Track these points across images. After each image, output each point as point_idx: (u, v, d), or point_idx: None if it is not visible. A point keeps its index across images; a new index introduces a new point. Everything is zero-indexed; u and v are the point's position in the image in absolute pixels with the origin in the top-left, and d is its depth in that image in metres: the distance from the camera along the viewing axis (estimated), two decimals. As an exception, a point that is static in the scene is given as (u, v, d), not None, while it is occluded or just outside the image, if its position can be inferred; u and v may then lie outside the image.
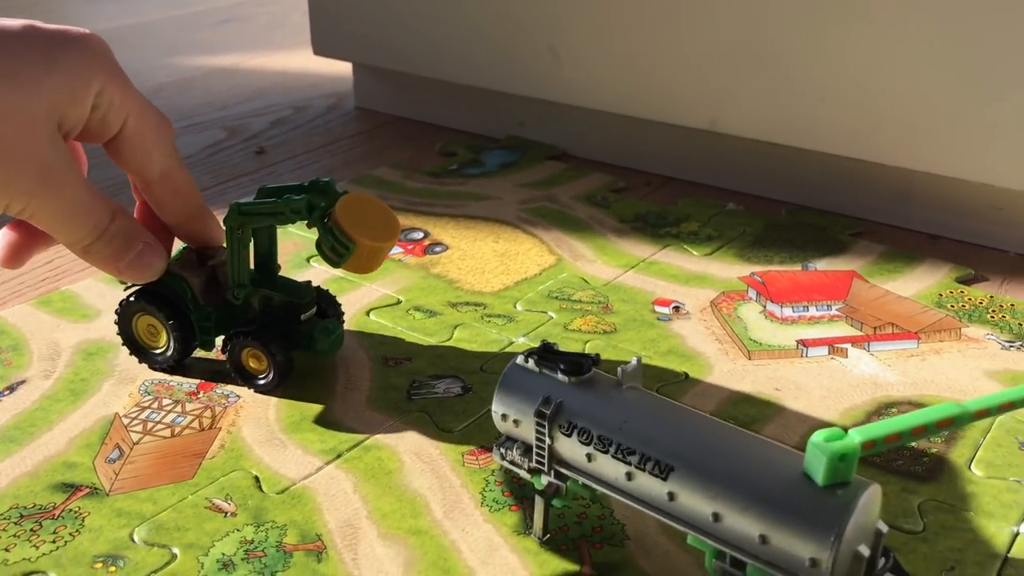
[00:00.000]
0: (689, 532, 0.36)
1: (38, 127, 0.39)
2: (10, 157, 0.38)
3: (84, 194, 0.41)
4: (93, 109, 0.41)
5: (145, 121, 0.43)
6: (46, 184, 0.39)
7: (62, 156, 0.40)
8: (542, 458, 0.40)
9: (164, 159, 0.45)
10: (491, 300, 0.60)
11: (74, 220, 0.41)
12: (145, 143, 0.44)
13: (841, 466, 0.33)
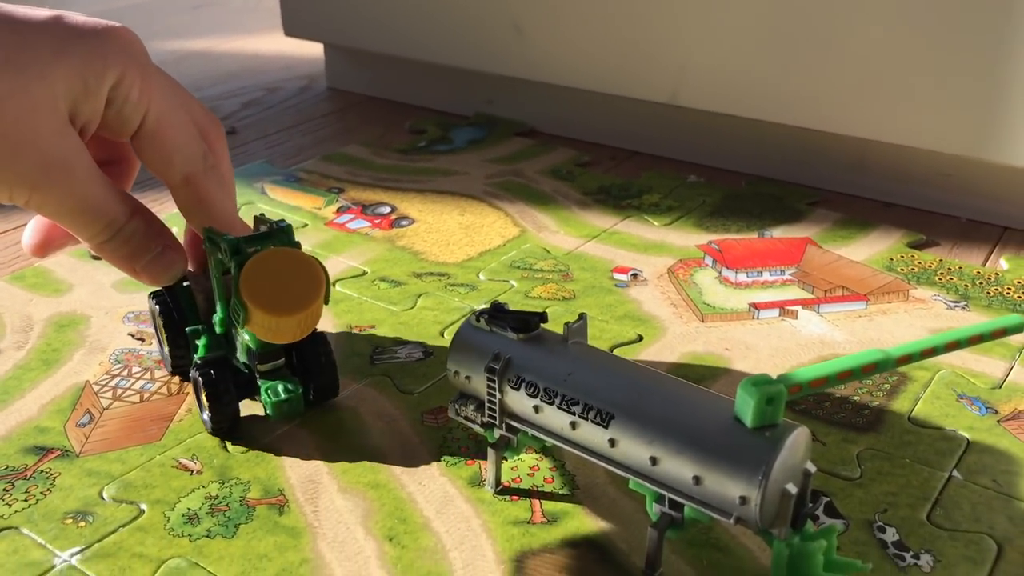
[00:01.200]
0: (630, 477, 0.38)
1: (43, 116, 0.36)
2: (7, 144, 0.36)
3: (96, 189, 0.39)
4: (108, 103, 0.39)
5: (167, 121, 0.41)
6: (49, 176, 0.37)
7: (71, 148, 0.38)
8: (493, 412, 0.41)
9: (187, 163, 0.42)
10: (455, 270, 0.62)
11: (84, 216, 0.39)
12: (165, 144, 0.41)
13: (768, 409, 0.35)
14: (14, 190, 0.37)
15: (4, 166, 0.36)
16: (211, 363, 0.45)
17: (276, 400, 0.43)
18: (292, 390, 0.44)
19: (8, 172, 0.36)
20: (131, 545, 0.40)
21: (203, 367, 0.44)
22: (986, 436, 0.46)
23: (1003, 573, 0.38)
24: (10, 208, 0.69)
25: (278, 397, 0.44)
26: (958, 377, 0.51)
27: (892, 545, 0.40)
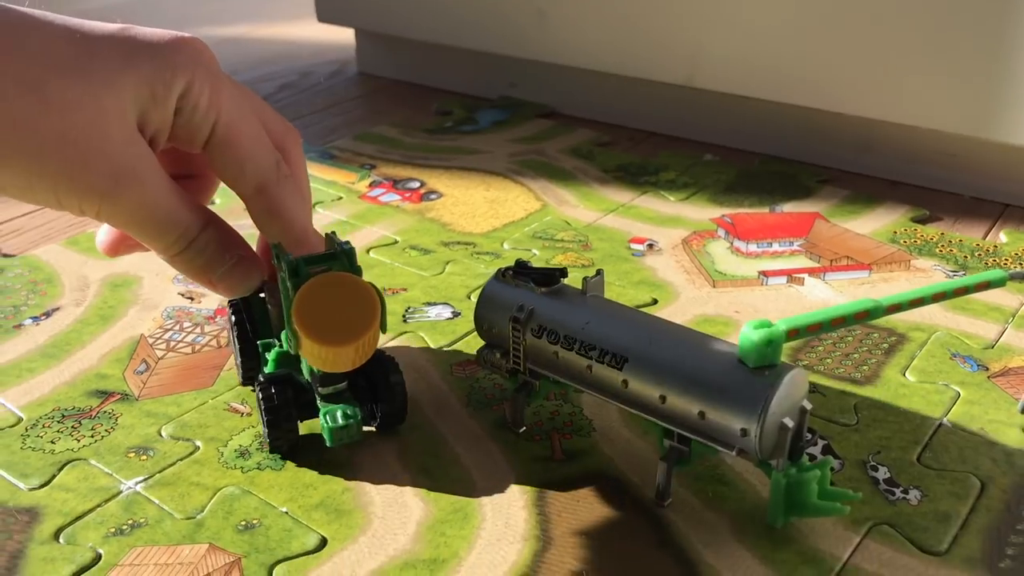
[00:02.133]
0: (641, 415, 0.42)
1: (111, 124, 0.36)
2: (77, 151, 0.35)
3: (167, 199, 0.38)
4: (177, 112, 0.38)
5: (238, 129, 0.39)
6: (118, 185, 0.36)
7: (141, 157, 0.37)
8: (518, 359, 0.45)
9: (259, 173, 0.40)
10: (480, 240, 0.66)
11: (155, 227, 0.38)
12: (236, 153, 0.40)
13: (768, 350, 0.39)
14: (84, 200, 0.36)
15: (73, 175, 0.35)
16: (275, 381, 0.43)
17: (334, 427, 0.42)
18: (351, 415, 0.42)
19: (78, 182, 0.35)
20: (189, 475, 0.44)
21: (266, 385, 0.43)
22: (976, 390, 0.49)
23: (984, 507, 0.42)
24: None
25: (336, 424, 0.42)
26: (953, 338, 0.54)
27: (883, 482, 0.43)
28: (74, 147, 0.35)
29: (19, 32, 0.34)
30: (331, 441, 0.42)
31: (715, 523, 0.41)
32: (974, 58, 0.65)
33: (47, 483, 0.43)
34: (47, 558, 0.39)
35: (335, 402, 0.43)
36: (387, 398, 0.45)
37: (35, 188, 0.35)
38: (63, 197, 0.36)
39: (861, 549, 0.39)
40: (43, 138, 0.34)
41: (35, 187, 0.35)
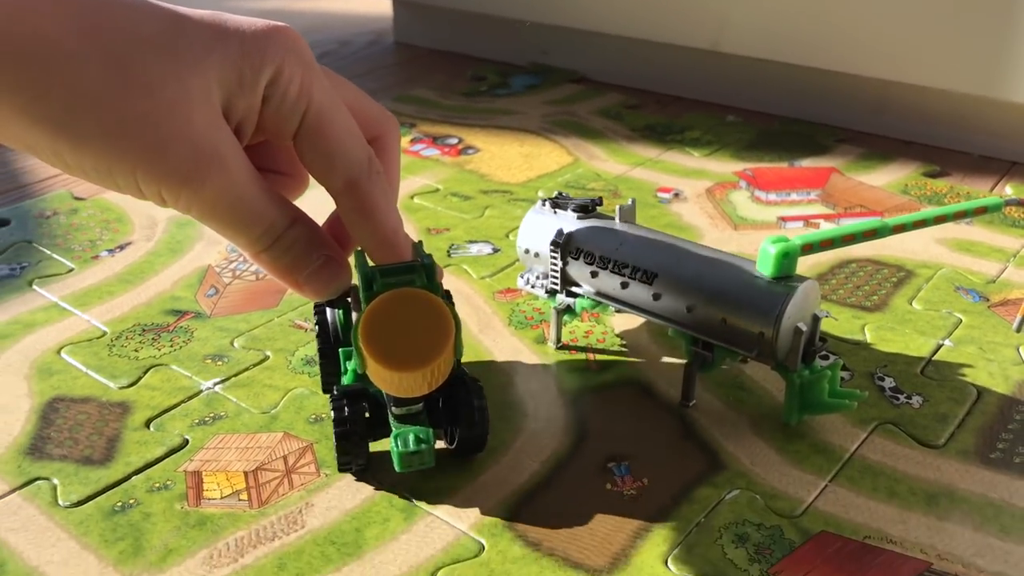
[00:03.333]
0: (670, 325, 0.46)
1: (195, 106, 0.34)
2: (157, 133, 0.33)
3: (252, 190, 0.36)
4: (266, 100, 0.36)
5: (329, 120, 0.38)
6: (200, 169, 0.34)
7: (225, 142, 0.35)
8: (556, 280, 0.50)
9: (349, 167, 0.38)
10: (517, 188, 0.70)
11: (239, 218, 0.36)
12: (326, 145, 0.38)
13: (785, 262, 0.43)
14: (163, 185, 0.34)
15: (153, 158, 0.33)
16: (348, 395, 0.41)
17: (404, 451, 0.39)
18: (424, 440, 0.39)
19: (157, 165, 0.34)
20: (261, 379, 0.49)
21: (338, 399, 0.41)
22: (976, 317, 0.54)
23: (979, 411, 0.46)
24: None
25: (407, 448, 0.39)
26: (957, 274, 0.58)
27: (889, 390, 0.48)
28: (155, 128, 0.33)
29: (106, 9, 0.33)
30: (400, 466, 0.39)
31: (735, 421, 0.46)
32: (983, 21, 0.69)
33: (134, 383, 0.48)
34: (140, 441, 0.44)
35: (409, 423, 0.40)
36: (466, 423, 0.41)
37: (114, 172, 0.34)
38: (143, 182, 0.34)
39: (867, 443, 0.44)
40: (124, 117, 0.33)
41: (114, 171, 0.34)
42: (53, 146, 0.33)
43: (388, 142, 0.42)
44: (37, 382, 0.48)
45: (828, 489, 0.41)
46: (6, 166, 0.75)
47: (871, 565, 0.37)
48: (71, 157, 0.33)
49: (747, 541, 0.38)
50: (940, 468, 0.42)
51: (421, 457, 0.39)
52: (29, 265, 0.59)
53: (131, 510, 0.40)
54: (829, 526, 0.39)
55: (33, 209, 0.67)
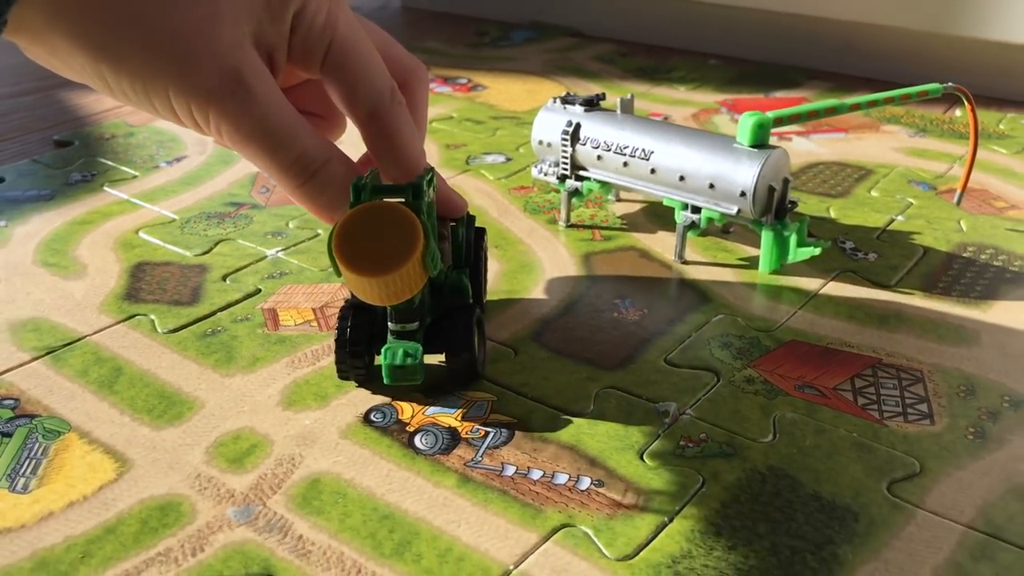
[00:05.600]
0: (665, 195, 0.55)
1: (224, 27, 0.35)
2: (187, 49, 0.34)
3: (280, 115, 0.36)
4: (293, 30, 0.37)
5: (354, 50, 0.38)
6: (224, 86, 0.35)
7: (251, 65, 0.36)
8: (566, 166, 0.58)
9: (372, 95, 0.39)
10: (523, 115, 0.79)
11: (266, 140, 0.36)
12: (350, 73, 0.39)
13: (760, 132, 0.52)
14: (192, 101, 0.35)
15: (183, 73, 0.34)
16: (354, 308, 0.43)
17: (390, 364, 0.41)
18: (411, 355, 0.41)
19: (187, 80, 0.35)
20: (317, 248, 0.57)
21: (345, 310, 0.43)
22: (925, 200, 0.62)
23: (924, 263, 0.55)
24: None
25: (393, 362, 0.40)
26: (910, 172, 0.67)
27: (849, 249, 0.56)
28: (185, 43, 0.34)
29: None
30: (387, 378, 0.41)
31: (720, 272, 0.54)
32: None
33: (207, 252, 0.56)
34: (220, 290, 0.52)
35: (405, 340, 0.42)
36: (453, 349, 0.43)
37: (149, 91, 0.35)
38: (175, 99, 0.35)
39: (831, 284, 0.53)
40: (158, 34, 0.34)
41: (149, 89, 0.35)
42: (96, 67, 0.34)
43: (415, 86, 0.43)
44: (122, 252, 0.56)
45: (798, 314, 0.50)
46: (64, 102, 0.83)
47: (832, 361, 0.46)
48: (112, 78, 0.35)
49: (731, 347, 0.47)
50: (890, 299, 0.51)
51: (407, 372, 0.40)
52: (98, 173, 0.67)
53: (220, 334, 0.48)
54: (798, 337, 0.48)
55: (93, 133, 0.75)
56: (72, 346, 0.47)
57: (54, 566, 0.34)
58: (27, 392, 0.44)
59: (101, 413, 0.42)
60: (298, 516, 0.36)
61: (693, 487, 0.38)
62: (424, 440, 0.41)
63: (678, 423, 0.41)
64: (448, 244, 0.44)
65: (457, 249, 0.45)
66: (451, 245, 0.44)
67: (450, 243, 0.44)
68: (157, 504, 0.37)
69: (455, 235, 0.44)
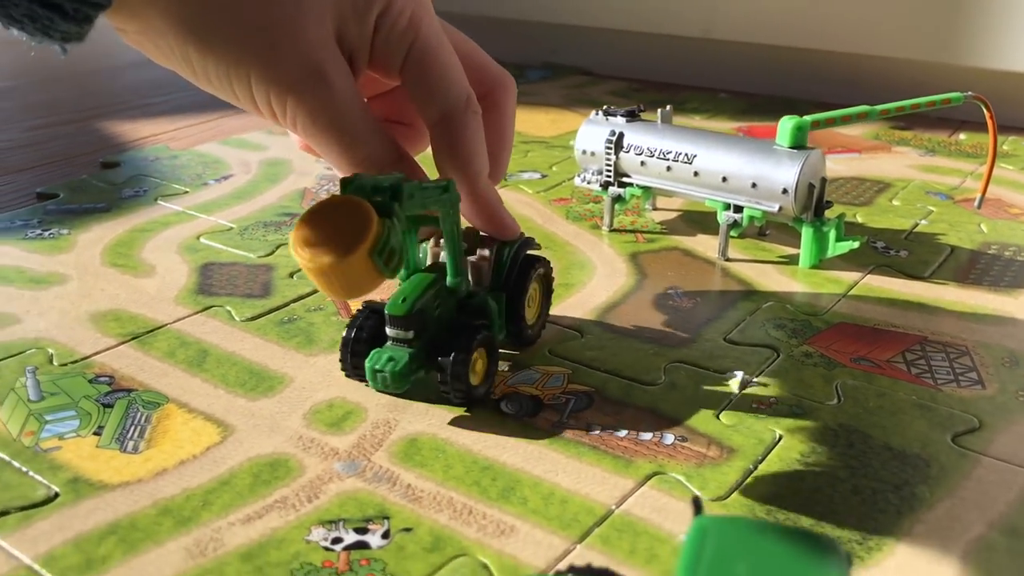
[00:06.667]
0: (707, 196, 0.58)
1: (308, 23, 0.36)
2: (271, 40, 0.36)
3: (354, 113, 0.37)
4: (376, 31, 0.38)
5: (434, 54, 0.39)
6: (304, 80, 0.36)
7: (332, 62, 0.37)
8: (610, 173, 0.62)
9: (447, 100, 0.39)
10: (550, 139, 0.82)
11: (338, 135, 0.37)
12: (428, 76, 0.39)
13: (799, 133, 0.55)
14: (272, 91, 0.36)
15: (267, 63, 0.36)
16: (372, 310, 0.43)
17: (369, 365, 0.40)
18: (393, 360, 0.40)
19: (269, 70, 0.36)
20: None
21: (361, 310, 0.44)
22: (945, 208, 0.66)
23: (953, 259, 0.58)
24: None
25: (371, 364, 0.40)
26: (926, 184, 0.71)
27: (881, 248, 0.59)
28: (271, 35, 0.35)
29: None
30: (369, 381, 0.41)
31: (762, 268, 0.57)
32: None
33: (270, 254, 0.59)
34: (289, 284, 0.54)
35: (401, 347, 0.41)
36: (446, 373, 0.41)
37: (231, 76, 0.36)
38: (256, 86, 0.36)
39: (868, 278, 0.56)
40: (247, 24, 0.35)
41: (231, 75, 0.36)
42: (184, 49, 0.36)
43: (501, 99, 0.43)
44: (187, 255, 0.59)
45: (841, 302, 0.53)
46: (103, 131, 0.85)
47: (881, 338, 0.49)
48: (198, 61, 0.36)
49: (784, 328, 0.50)
50: (926, 289, 0.54)
51: (384, 378, 0.40)
52: (149, 189, 0.70)
53: (297, 321, 0.50)
54: (845, 320, 0.51)
55: (137, 156, 0.77)
56: (155, 332, 0.49)
57: (176, 512, 0.36)
58: (119, 371, 0.46)
59: (195, 387, 0.44)
60: (403, 468, 0.38)
61: (771, 441, 0.40)
62: (509, 406, 0.43)
63: (747, 389, 0.44)
64: (488, 264, 0.44)
65: (497, 270, 0.44)
66: (492, 266, 0.44)
67: (491, 264, 0.44)
68: (265, 461, 0.39)
69: (499, 256, 0.45)
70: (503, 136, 0.44)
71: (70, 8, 0.34)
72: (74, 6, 0.34)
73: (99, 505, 0.36)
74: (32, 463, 0.39)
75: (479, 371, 0.42)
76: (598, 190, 0.63)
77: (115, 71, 1.08)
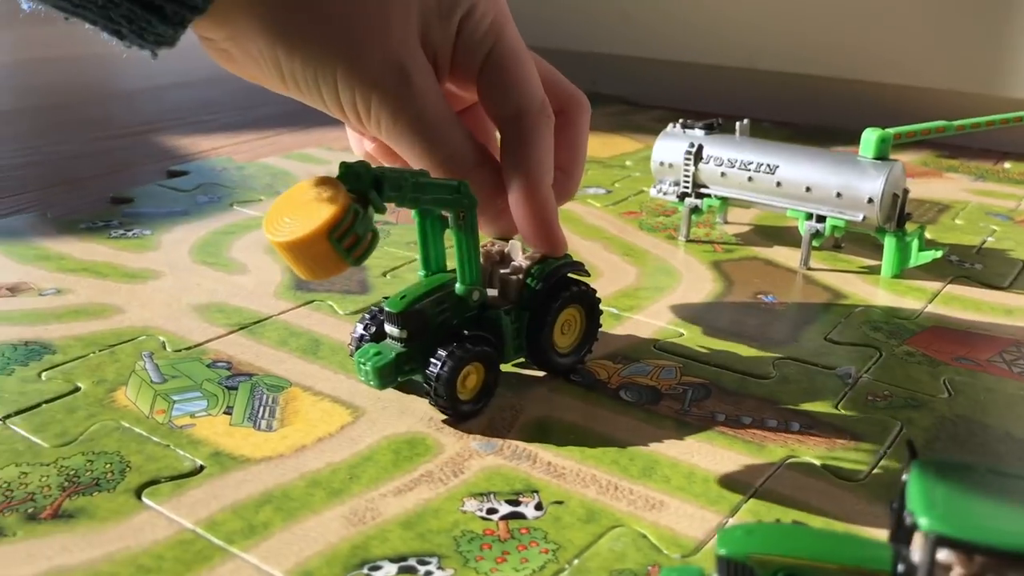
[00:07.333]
0: (789, 206, 0.59)
1: (394, 22, 0.37)
2: (357, 38, 0.36)
3: (438, 112, 0.38)
4: (458, 33, 0.38)
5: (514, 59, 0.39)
6: (388, 76, 0.36)
7: (416, 60, 0.37)
8: (688, 184, 0.63)
9: (522, 100, 0.39)
10: (605, 159, 0.84)
11: (424, 136, 0.37)
12: (504, 79, 0.39)
13: (883, 145, 0.57)
14: (357, 87, 0.36)
15: (352, 61, 0.36)
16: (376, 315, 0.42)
17: (357, 357, 0.40)
18: (378, 356, 0.39)
19: (355, 68, 0.36)
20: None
21: (373, 308, 0.43)
22: (1007, 227, 0.68)
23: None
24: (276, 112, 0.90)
25: (360, 355, 0.40)
26: (984, 206, 0.73)
27: (955, 261, 0.61)
28: (357, 34, 0.36)
29: None
30: (356, 372, 0.40)
31: (844, 276, 0.58)
32: (981, 29, 0.86)
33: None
34: (385, 283, 0.55)
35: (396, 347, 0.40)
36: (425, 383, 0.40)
37: (318, 75, 0.37)
38: (341, 83, 0.36)
39: (949, 287, 0.57)
40: (334, 23, 0.36)
41: (318, 74, 0.36)
42: (272, 50, 0.36)
43: (576, 116, 0.43)
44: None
45: (928, 308, 0.54)
46: (163, 143, 0.86)
47: (977, 340, 0.50)
48: (285, 61, 0.37)
49: (881, 330, 0.51)
50: (1009, 296, 0.55)
51: (367, 372, 0.39)
52: (223, 196, 0.71)
53: (399, 316, 0.51)
54: (938, 324, 0.52)
55: (204, 166, 0.78)
56: (263, 323, 0.50)
57: (326, 484, 0.36)
58: (235, 357, 0.46)
59: (315, 372, 0.45)
60: (539, 448, 0.39)
61: (894, 429, 0.41)
62: (628, 394, 0.43)
63: (859, 383, 0.45)
64: (519, 279, 0.42)
65: (525, 287, 0.42)
66: (521, 280, 0.42)
67: (521, 279, 0.42)
68: (402, 439, 0.39)
69: (530, 272, 0.42)
70: (577, 152, 0.44)
71: (170, 10, 0.35)
72: (173, 8, 0.35)
73: (247, 477, 0.37)
74: (170, 438, 0.39)
75: (469, 387, 0.40)
76: (674, 201, 0.64)
77: (159, 90, 1.09)
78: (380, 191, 0.35)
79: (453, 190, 0.38)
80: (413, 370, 0.40)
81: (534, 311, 0.42)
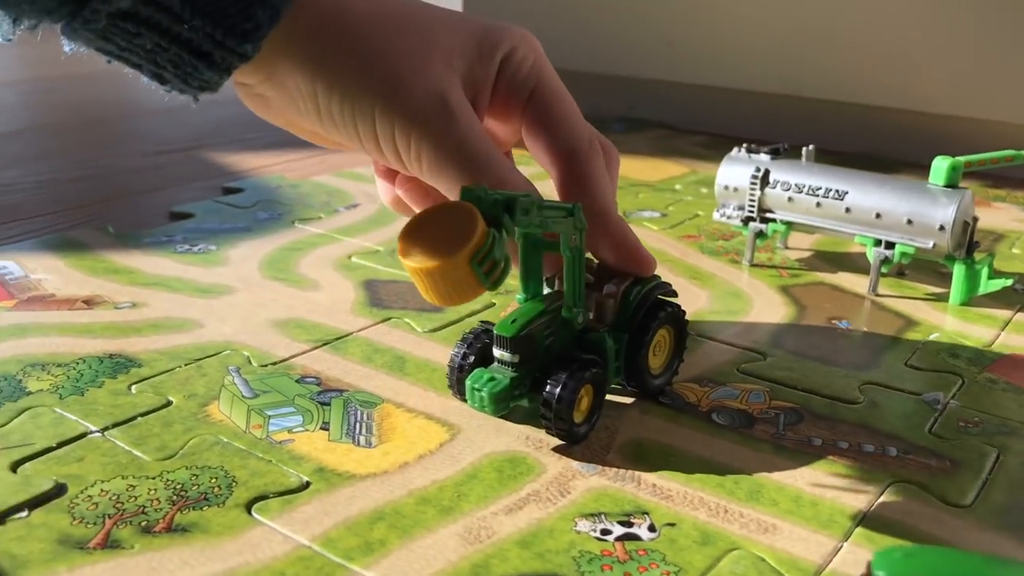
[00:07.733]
0: (858, 233, 0.59)
1: (436, 59, 0.37)
2: (397, 72, 0.36)
3: (483, 145, 0.37)
4: (500, 70, 0.39)
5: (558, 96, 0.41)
6: (427, 109, 0.36)
7: (456, 98, 0.37)
8: (753, 209, 0.63)
9: (572, 136, 0.40)
10: (654, 183, 0.84)
11: (467, 167, 0.37)
12: (553, 114, 0.40)
13: (953, 173, 0.57)
14: (397, 122, 0.36)
15: (391, 94, 0.36)
16: (486, 329, 0.43)
17: (470, 383, 0.40)
18: (492, 382, 0.40)
19: (394, 101, 0.36)
20: (525, 276, 0.60)
21: (474, 330, 0.43)
22: (1067, 257, 0.68)
23: (1094, 302, 0.60)
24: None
25: (472, 381, 0.40)
26: (1039, 236, 0.73)
27: (1020, 290, 0.61)
28: (397, 68, 0.36)
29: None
30: (468, 398, 0.40)
31: (913, 303, 0.58)
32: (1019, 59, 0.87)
33: (427, 274, 0.59)
34: (457, 303, 0.55)
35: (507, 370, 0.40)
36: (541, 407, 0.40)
37: (356, 111, 0.37)
38: (379, 119, 0.36)
39: (1020, 315, 0.57)
40: (374, 58, 0.36)
41: (356, 110, 0.37)
42: (311, 86, 0.37)
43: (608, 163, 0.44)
44: (345, 272, 0.59)
45: (1002, 335, 0.54)
46: (213, 160, 0.87)
47: (1055, 370, 0.50)
48: (323, 96, 0.37)
49: (959, 356, 0.51)
50: (1081, 326, 0.56)
51: (483, 398, 0.39)
52: (283, 213, 0.71)
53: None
54: (1016, 351, 0.52)
55: (259, 183, 0.79)
56: (344, 339, 0.50)
57: (435, 501, 0.36)
58: (323, 372, 0.46)
59: (405, 389, 0.45)
60: (641, 471, 0.39)
61: (992, 455, 0.41)
62: (721, 417, 0.43)
63: (947, 409, 0.45)
64: (614, 301, 0.42)
65: (623, 309, 0.42)
66: (617, 303, 0.42)
67: (617, 300, 0.42)
68: (503, 458, 0.39)
69: (627, 293, 0.43)
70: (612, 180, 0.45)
71: (218, 56, 0.35)
72: (222, 54, 0.35)
73: (355, 493, 0.36)
74: (271, 453, 0.39)
75: (583, 409, 0.40)
76: (738, 225, 0.64)
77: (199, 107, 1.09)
78: (512, 215, 0.34)
79: (568, 213, 0.38)
80: (522, 395, 0.40)
81: (632, 332, 0.42)
